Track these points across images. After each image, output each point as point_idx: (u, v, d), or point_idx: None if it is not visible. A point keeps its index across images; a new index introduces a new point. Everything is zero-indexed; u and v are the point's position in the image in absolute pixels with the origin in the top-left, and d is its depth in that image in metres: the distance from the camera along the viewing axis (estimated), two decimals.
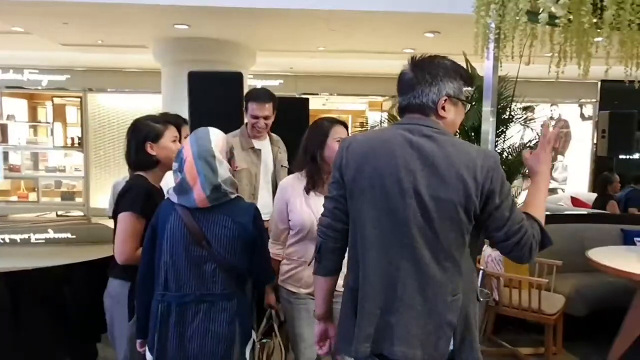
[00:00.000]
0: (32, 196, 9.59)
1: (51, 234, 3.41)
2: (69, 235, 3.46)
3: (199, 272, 1.83)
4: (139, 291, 1.93)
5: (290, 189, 2.24)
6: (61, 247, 3.23)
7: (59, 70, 9.17)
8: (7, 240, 3.27)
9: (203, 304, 1.83)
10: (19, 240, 3.27)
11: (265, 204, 2.98)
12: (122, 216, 2.02)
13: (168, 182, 2.09)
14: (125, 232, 2.00)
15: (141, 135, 2.13)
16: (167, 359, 1.84)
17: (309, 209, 2.17)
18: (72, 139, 9.68)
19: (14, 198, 9.92)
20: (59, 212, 4.74)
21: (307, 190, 2.20)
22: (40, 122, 10.29)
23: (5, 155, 9.71)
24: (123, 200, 2.05)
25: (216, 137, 1.89)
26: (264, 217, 2.97)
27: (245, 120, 3.02)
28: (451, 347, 1.46)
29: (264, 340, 2.45)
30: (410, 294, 1.43)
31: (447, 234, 1.42)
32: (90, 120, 9.39)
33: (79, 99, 9.53)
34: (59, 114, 9.99)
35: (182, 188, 1.83)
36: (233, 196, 1.88)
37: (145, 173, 2.15)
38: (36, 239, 3.29)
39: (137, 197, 2.03)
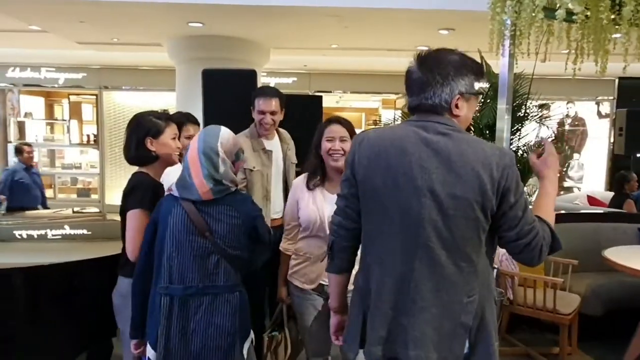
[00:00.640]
0: (49, 193, 9.73)
1: (67, 230, 3.46)
2: (85, 231, 3.50)
3: (203, 264, 1.85)
4: (135, 290, 1.93)
5: (300, 188, 2.32)
6: (77, 243, 3.27)
7: (75, 69, 9.28)
8: (25, 236, 3.32)
9: (206, 297, 1.85)
10: (36, 236, 3.32)
11: (277, 204, 2.99)
12: (132, 213, 2.03)
13: (170, 178, 2.10)
14: (135, 229, 2.01)
15: (142, 130, 2.13)
16: (171, 355, 1.82)
17: (315, 206, 2.23)
18: (88, 136, 9.80)
19: None
20: (75, 209, 4.80)
21: (307, 186, 2.28)
22: (56, 119, 10.43)
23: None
24: (131, 197, 2.05)
25: (224, 136, 1.92)
26: (275, 216, 3.01)
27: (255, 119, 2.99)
28: (466, 350, 1.44)
29: (273, 333, 2.48)
30: (425, 296, 1.41)
31: (463, 233, 1.39)
32: (106, 117, 9.50)
33: (94, 97, 9.64)
34: (75, 111, 10.11)
35: (184, 182, 1.87)
36: (233, 189, 1.93)
37: (146, 169, 2.15)
38: (53, 235, 3.33)
39: (145, 193, 2.04)
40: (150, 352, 1.89)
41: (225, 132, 1.95)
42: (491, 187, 1.38)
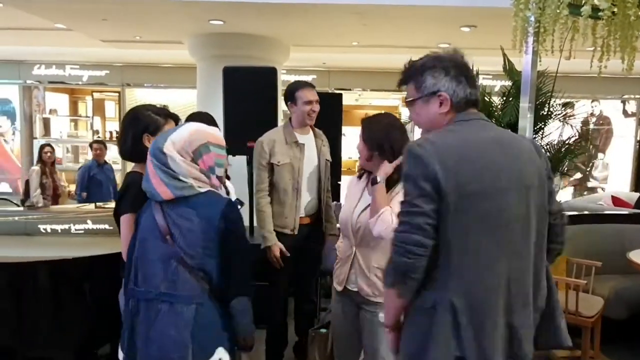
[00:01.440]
0: (73, 188, 9.91)
1: (90, 225, 3.52)
2: (106, 226, 3.56)
3: (164, 268, 1.73)
4: (125, 292, 1.86)
5: (347, 189, 2.37)
6: (99, 238, 3.33)
7: (99, 66, 9.43)
8: (49, 231, 3.39)
9: (164, 304, 1.72)
10: (59, 231, 3.39)
11: (309, 201, 2.98)
12: (124, 218, 1.97)
13: None
14: (124, 234, 1.95)
15: (140, 125, 2.05)
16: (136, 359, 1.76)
17: (346, 207, 2.27)
18: (111, 132, 9.95)
19: None
20: (98, 204, 4.88)
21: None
22: (80, 116, 10.62)
23: None
24: (123, 201, 2.00)
25: (179, 134, 1.78)
26: (304, 213, 3.01)
27: (291, 112, 2.97)
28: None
29: (321, 330, 2.51)
30: (529, 291, 1.49)
31: (543, 223, 1.50)
32: None
33: (117, 94, 9.79)
34: (99, 108, 10.28)
35: (148, 182, 1.79)
36: (203, 189, 1.76)
37: (142, 167, 2.03)
38: (76, 230, 3.40)
39: (136, 196, 1.92)
40: (120, 354, 1.84)
41: (182, 130, 1.80)
42: (546, 171, 1.53)
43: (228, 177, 3.13)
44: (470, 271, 1.43)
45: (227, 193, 2.95)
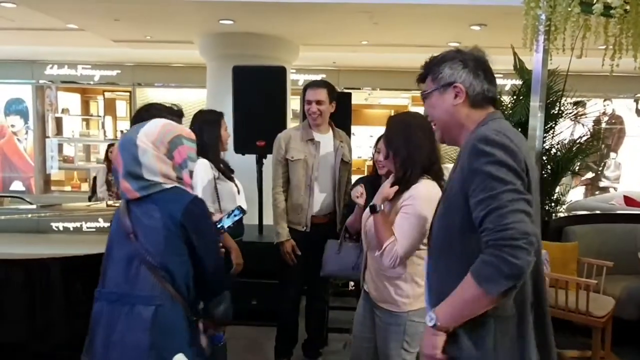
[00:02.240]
0: (84, 186, 10.02)
1: (101, 223, 3.56)
2: None
3: (127, 269, 1.66)
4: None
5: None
6: None
7: (110, 66, 9.50)
8: (61, 228, 3.44)
9: (125, 306, 1.63)
10: (72, 229, 3.43)
11: (323, 200, 2.99)
12: None
13: (197, 181, 2.09)
14: None
15: None
16: None
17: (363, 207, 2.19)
18: (122, 132, 10.04)
19: (68, 188, 10.41)
20: (109, 202, 4.93)
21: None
22: (92, 115, 10.73)
23: (60, 147, 10.19)
24: None
25: (151, 127, 1.71)
26: (317, 212, 3.00)
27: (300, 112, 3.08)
28: None
29: None
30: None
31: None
32: None
33: (128, 94, 9.87)
34: (110, 107, 10.38)
35: (116, 178, 1.73)
36: (168, 186, 1.68)
37: None
38: (88, 228, 3.44)
39: None
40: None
41: (153, 123, 1.73)
42: None
43: (232, 171, 3.15)
44: (535, 267, 1.36)
45: (238, 191, 2.99)
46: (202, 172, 2.64)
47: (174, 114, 2.23)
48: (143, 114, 2.17)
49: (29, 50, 8.48)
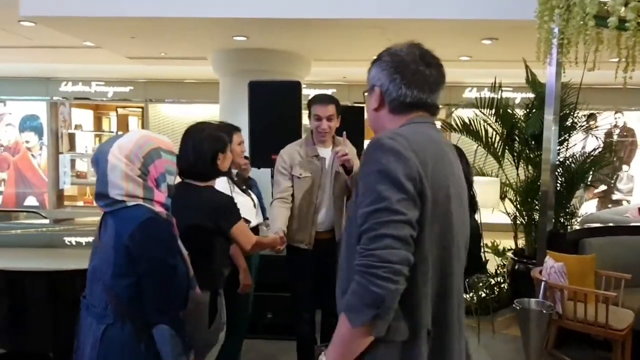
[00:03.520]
0: None
1: None
2: None
3: (90, 281, 1.64)
4: None
5: None
6: None
7: (123, 82, 9.65)
8: (74, 243, 3.47)
9: (88, 318, 1.63)
10: (84, 243, 3.45)
11: (322, 219, 2.89)
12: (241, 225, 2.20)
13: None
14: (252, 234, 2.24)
15: (218, 145, 2.18)
16: None
17: None
18: None
19: (80, 203, 10.50)
20: None
21: None
22: (104, 131, 10.85)
23: (73, 163, 10.30)
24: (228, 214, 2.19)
25: (126, 139, 1.62)
26: (322, 228, 2.96)
27: (309, 127, 3.00)
28: None
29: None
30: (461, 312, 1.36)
31: (466, 242, 1.38)
32: (151, 129, 9.81)
33: (140, 110, 9.99)
34: (122, 123, 10.50)
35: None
36: (130, 203, 1.58)
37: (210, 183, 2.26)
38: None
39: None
40: None
41: (128, 135, 1.64)
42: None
43: (250, 186, 3.18)
44: (441, 290, 1.27)
45: (254, 205, 3.02)
46: (219, 186, 2.67)
47: (223, 129, 2.29)
48: (196, 132, 2.21)
49: (44, 67, 8.64)
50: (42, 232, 4.12)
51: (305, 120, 3.10)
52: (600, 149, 4.68)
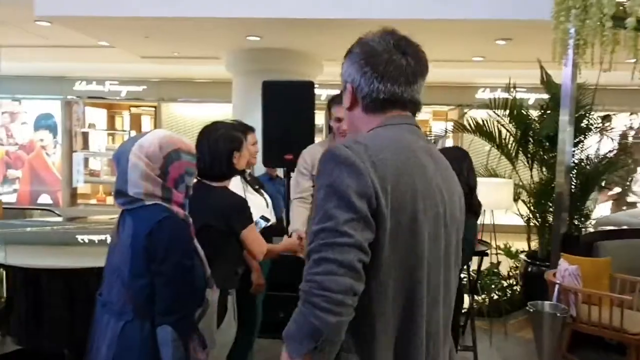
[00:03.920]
0: (110, 200, 10.19)
1: None
2: None
3: (109, 279, 1.65)
4: None
5: None
6: None
7: (137, 81, 9.71)
8: (87, 241, 3.50)
9: (105, 315, 1.62)
10: (96, 241, 3.48)
11: None
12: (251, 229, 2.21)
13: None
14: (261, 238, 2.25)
15: (234, 144, 2.20)
16: None
17: None
18: None
19: (93, 201, 10.60)
20: None
21: None
22: (117, 130, 10.95)
23: (86, 161, 10.40)
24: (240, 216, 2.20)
25: (149, 138, 1.62)
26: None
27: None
28: None
29: None
30: (439, 348, 1.19)
31: (456, 261, 1.24)
32: (164, 128, 9.87)
33: (153, 109, 10.06)
34: (135, 122, 10.58)
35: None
36: (148, 202, 1.58)
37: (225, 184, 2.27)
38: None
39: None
40: None
41: (150, 135, 1.64)
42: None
43: (261, 185, 3.18)
44: (401, 322, 1.10)
45: (267, 204, 3.03)
46: (232, 185, 2.68)
47: (238, 129, 2.30)
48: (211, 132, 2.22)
49: (58, 66, 8.73)
50: (56, 230, 4.16)
51: (318, 120, 3.10)
52: (615, 151, 4.63)
